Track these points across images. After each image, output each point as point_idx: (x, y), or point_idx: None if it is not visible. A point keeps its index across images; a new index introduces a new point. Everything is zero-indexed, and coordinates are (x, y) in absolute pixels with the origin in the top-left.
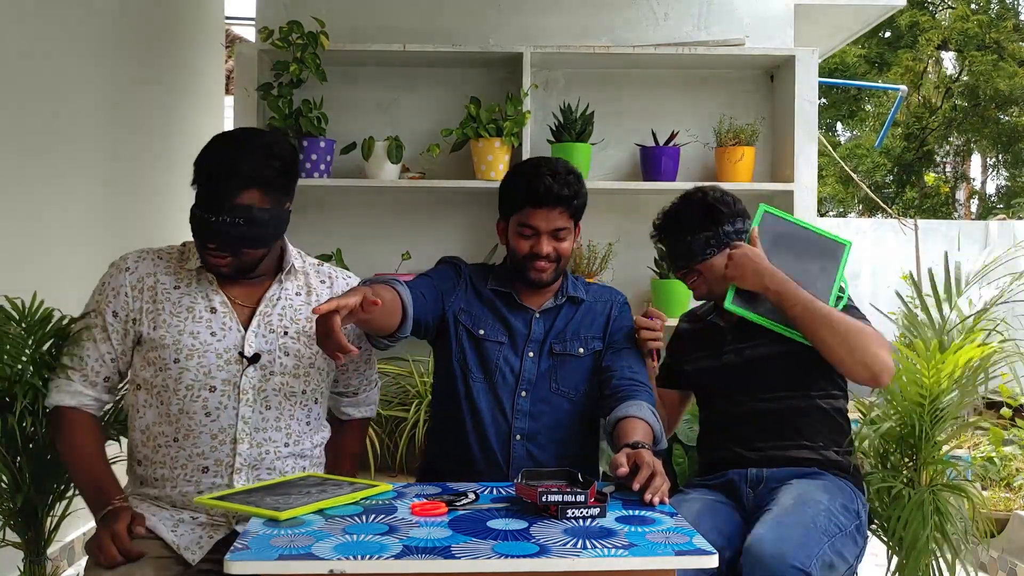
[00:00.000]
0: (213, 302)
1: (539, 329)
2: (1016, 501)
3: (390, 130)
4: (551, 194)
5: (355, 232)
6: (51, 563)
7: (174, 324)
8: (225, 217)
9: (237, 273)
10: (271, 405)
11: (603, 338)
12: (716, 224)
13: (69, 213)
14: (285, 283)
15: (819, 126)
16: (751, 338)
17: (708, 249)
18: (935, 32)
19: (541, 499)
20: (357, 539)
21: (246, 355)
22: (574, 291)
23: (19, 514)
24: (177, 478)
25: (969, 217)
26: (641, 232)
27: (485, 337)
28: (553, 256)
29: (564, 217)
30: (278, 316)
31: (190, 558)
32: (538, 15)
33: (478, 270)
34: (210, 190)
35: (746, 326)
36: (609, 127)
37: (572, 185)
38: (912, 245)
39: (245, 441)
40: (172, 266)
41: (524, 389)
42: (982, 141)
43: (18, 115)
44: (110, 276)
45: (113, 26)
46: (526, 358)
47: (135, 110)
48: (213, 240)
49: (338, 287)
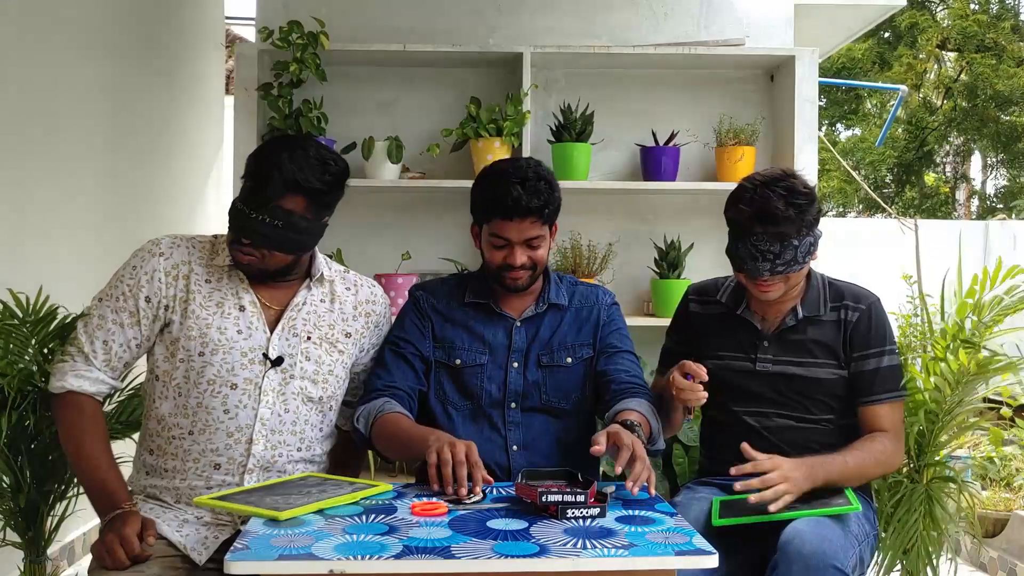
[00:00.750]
0: (243, 300)
1: (521, 339)
2: (1016, 501)
3: (390, 130)
4: (519, 206)
5: (355, 232)
6: (51, 563)
7: (203, 317)
8: (265, 216)
9: (260, 274)
10: (289, 408)
11: (593, 345)
12: (816, 225)
13: (70, 210)
14: (313, 289)
15: (820, 125)
16: (790, 351)
17: (808, 256)
18: (934, 32)
19: (541, 499)
20: (357, 539)
21: (270, 357)
22: (556, 297)
23: (20, 514)
24: (188, 471)
25: (969, 217)
26: (641, 232)
27: (463, 365)
28: (528, 264)
29: (537, 226)
30: (303, 321)
31: (197, 558)
32: (538, 15)
33: (445, 287)
34: (256, 187)
35: (784, 339)
36: (609, 127)
37: (542, 193)
38: (912, 245)
39: (260, 442)
40: (205, 257)
41: (513, 401)
42: (982, 141)
43: (19, 113)
44: (142, 260)
45: (114, 26)
46: (511, 370)
47: (136, 109)
48: (248, 236)
49: (363, 295)
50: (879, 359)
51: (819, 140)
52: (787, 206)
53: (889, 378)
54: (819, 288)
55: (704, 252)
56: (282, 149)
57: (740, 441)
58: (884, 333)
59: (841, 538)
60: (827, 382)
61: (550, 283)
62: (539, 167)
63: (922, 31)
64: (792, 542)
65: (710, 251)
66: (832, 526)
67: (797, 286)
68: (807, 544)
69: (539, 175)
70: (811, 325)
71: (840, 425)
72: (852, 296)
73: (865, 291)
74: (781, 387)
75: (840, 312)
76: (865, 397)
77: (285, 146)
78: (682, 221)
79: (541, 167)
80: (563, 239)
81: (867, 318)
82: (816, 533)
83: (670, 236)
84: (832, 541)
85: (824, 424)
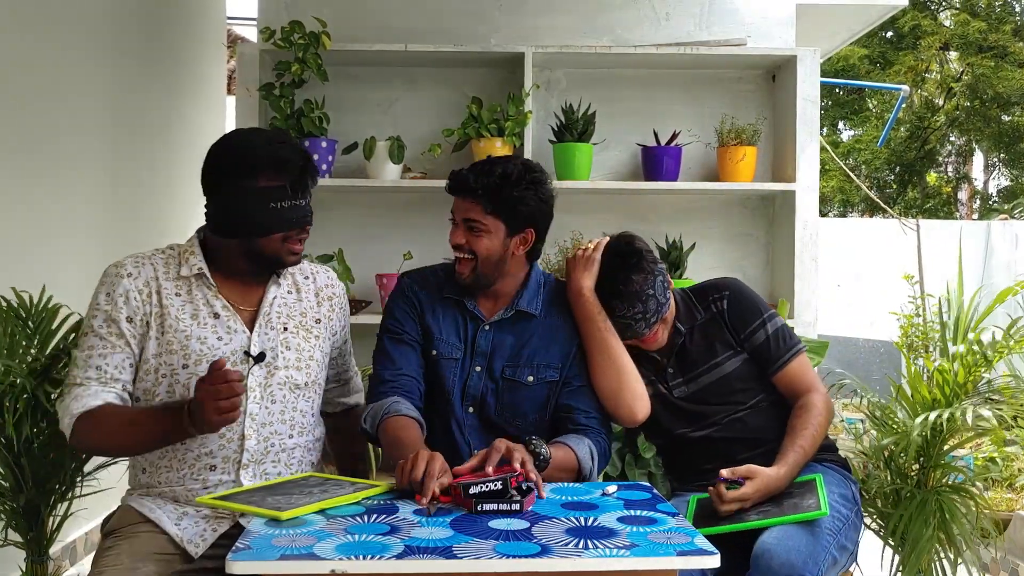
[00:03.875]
0: (215, 307)
1: (486, 342)
2: (1018, 501)
3: (392, 130)
4: (458, 181)
5: (357, 232)
6: (53, 563)
7: (180, 330)
8: (307, 200)
9: (281, 265)
10: (276, 399)
11: (560, 369)
12: (655, 264)
13: (73, 211)
14: (281, 284)
15: (821, 126)
16: (692, 367)
17: (666, 293)
18: (936, 37)
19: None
20: (359, 539)
21: (252, 354)
22: (527, 305)
23: (21, 514)
24: (184, 478)
25: (971, 217)
26: (642, 232)
27: (440, 356)
28: (466, 250)
29: (477, 210)
30: (276, 314)
31: (193, 551)
32: (540, 15)
33: (433, 277)
34: (301, 175)
35: (683, 356)
36: (610, 127)
37: (491, 179)
38: (914, 245)
39: (252, 437)
40: (170, 272)
41: (471, 406)
42: (984, 141)
43: (21, 115)
44: (112, 285)
45: (115, 26)
46: (473, 373)
47: (137, 110)
48: (310, 222)
49: (321, 281)
50: (764, 328)
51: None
52: (626, 278)
53: (783, 338)
54: (684, 299)
55: (705, 252)
56: (291, 138)
57: (697, 456)
58: (756, 305)
59: (810, 544)
60: (736, 371)
61: (527, 287)
62: (512, 163)
63: (924, 34)
64: (762, 557)
65: (711, 251)
66: (800, 534)
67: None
68: (775, 558)
69: (504, 169)
70: (696, 332)
71: (772, 400)
72: (713, 288)
73: (721, 279)
74: (703, 397)
75: (711, 307)
76: (773, 366)
77: (287, 135)
78: (683, 221)
79: (516, 165)
80: (563, 239)
81: (735, 299)
82: (784, 546)
83: (671, 236)
84: (800, 551)
85: (759, 404)
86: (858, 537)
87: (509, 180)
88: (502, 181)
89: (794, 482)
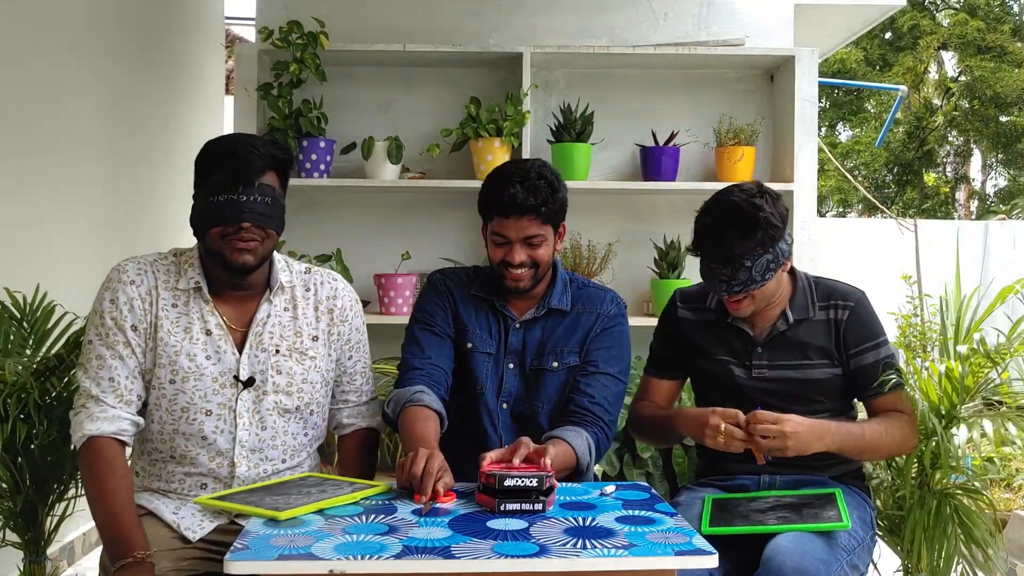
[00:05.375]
0: (209, 324)
1: (517, 341)
2: (1016, 501)
3: (390, 130)
4: (515, 203)
5: (355, 232)
6: (51, 563)
7: (171, 344)
8: (255, 196)
9: (258, 265)
10: (267, 425)
11: (580, 353)
12: (773, 242)
13: (71, 211)
14: (274, 300)
15: (820, 126)
16: (784, 355)
17: (768, 273)
18: (934, 37)
19: (499, 483)
20: (357, 539)
21: (241, 379)
22: (558, 302)
23: (19, 514)
24: (174, 491)
25: (969, 217)
26: (641, 232)
27: (475, 349)
28: (528, 263)
29: (536, 224)
30: (268, 335)
31: (191, 536)
32: (538, 15)
33: (463, 275)
34: (235, 169)
35: (778, 343)
36: (609, 127)
37: (541, 191)
38: (912, 245)
39: (243, 464)
40: (169, 280)
41: (505, 401)
42: (982, 141)
43: (20, 115)
44: (115, 292)
45: (114, 26)
46: (507, 371)
47: (136, 110)
48: (247, 218)
49: (323, 293)
50: (876, 352)
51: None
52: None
53: (890, 368)
54: (806, 290)
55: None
56: (236, 135)
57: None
58: (876, 326)
59: (824, 552)
60: (823, 381)
61: (555, 287)
62: (543, 168)
63: (923, 34)
64: (774, 559)
65: None
66: (816, 540)
67: (778, 294)
68: (788, 560)
69: (540, 175)
70: (802, 327)
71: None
72: (840, 294)
73: (851, 287)
74: (777, 390)
75: (829, 311)
76: (871, 391)
77: (234, 134)
78: (682, 221)
79: (546, 168)
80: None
81: (857, 314)
82: (798, 549)
83: (670, 236)
84: (813, 556)
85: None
86: (869, 560)
87: (553, 186)
88: (551, 190)
89: (814, 494)
